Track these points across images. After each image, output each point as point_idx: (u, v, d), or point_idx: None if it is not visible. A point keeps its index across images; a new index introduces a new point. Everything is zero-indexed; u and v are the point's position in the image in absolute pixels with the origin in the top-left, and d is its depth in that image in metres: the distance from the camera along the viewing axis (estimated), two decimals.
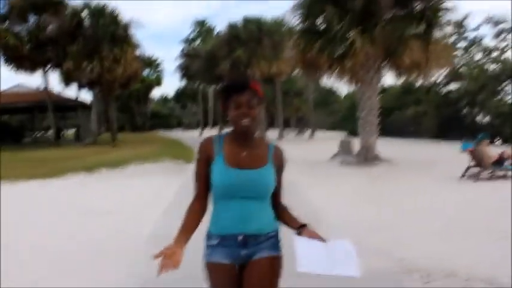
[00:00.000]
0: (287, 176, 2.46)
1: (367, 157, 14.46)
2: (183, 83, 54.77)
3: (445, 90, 28.63)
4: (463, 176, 11.46)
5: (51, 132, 35.28)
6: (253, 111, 2.22)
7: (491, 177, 11.44)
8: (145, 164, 15.96)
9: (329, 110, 52.34)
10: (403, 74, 15.31)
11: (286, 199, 2.46)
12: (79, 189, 11.27)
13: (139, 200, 9.59)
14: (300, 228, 2.28)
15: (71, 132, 41.93)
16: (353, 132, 23.88)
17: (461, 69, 27.04)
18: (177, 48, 78.39)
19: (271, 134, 34.21)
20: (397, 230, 6.44)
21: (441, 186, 10.41)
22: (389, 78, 48.24)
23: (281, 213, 2.40)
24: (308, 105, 40.02)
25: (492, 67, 26.55)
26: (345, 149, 16.58)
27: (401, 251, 5.32)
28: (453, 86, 27.96)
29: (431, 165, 14.10)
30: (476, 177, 11.22)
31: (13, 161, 17.42)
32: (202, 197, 2.32)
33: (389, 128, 27.09)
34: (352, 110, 26.78)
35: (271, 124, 40.41)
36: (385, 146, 16.73)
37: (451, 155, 15.37)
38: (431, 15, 14.08)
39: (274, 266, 2.29)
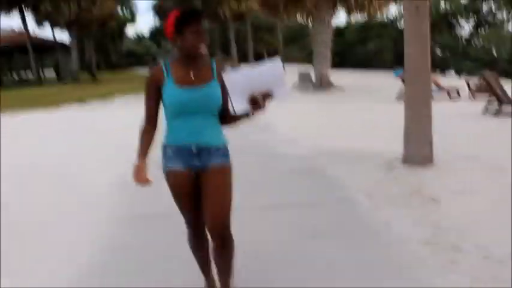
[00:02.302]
0: None
1: (321, 84, 16.93)
2: (157, 21, 55.27)
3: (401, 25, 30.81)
4: (397, 98, 13.99)
5: (29, 73, 36.42)
6: (206, 38, 2.39)
7: None
8: (127, 96, 18.18)
9: (300, 44, 53.92)
10: (352, 13, 17.50)
11: None
12: (82, 115, 13.49)
13: (130, 120, 11.88)
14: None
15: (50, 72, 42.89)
16: None
17: None
18: None
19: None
20: (318, 128, 9.10)
21: (373, 105, 13.00)
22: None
23: (229, 117, 2.49)
24: (278, 40, 41.71)
25: (443, 5, 28.69)
26: (303, 78, 18.99)
27: (320, 141, 7.88)
28: None
29: (375, 90, 16.64)
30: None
31: (9, 97, 19.30)
32: (152, 121, 2.50)
33: (353, 61, 29.36)
34: None
35: (243, 58, 42.07)
36: (342, 76, 19.24)
37: (394, 82, 17.94)
38: None
39: (226, 172, 2.50)
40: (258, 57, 45.44)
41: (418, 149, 6.33)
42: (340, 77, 19.02)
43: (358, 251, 3.60)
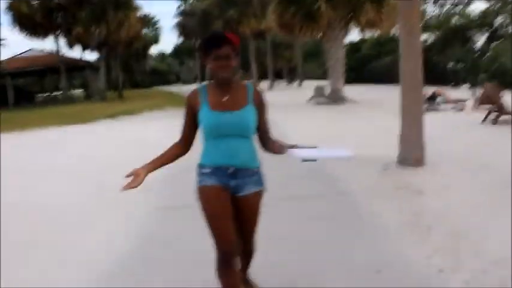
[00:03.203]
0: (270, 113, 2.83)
1: (336, 98, 17.99)
2: (181, 39, 57.06)
3: None
4: None
5: (60, 93, 38.20)
6: (230, 62, 2.41)
7: (427, 110, 14.92)
8: (153, 112, 19.50)
9: (319, 60, 55.13)
10: (364, 31, 18.63)
11: None
12: (113, 129, 14.76)
13: (158, 133, 13.08)
14: (291, 148, 2.49)
15: (77, 91, 44.72)
16: None
17: (431, 21, 30.09)
18: (173, 4, 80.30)
19: (263, 85, 37.46)
20: (327, 136, 10.14)
21: (382, 116, 13.95)
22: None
23: (271, 145, 2.63)
24: (297, 56, 42.86)
25: (456, 19, 29.53)
26: (318, 93, 20.07)
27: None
28: (424, 37, 31.13)
29: (386, 103, 17.54)
30: None
31: (43, 115, 20.76)
32: (184, 141, 2.60)
33: (368, 76, 30.28)
34: None
35: (263, 75, 43.25)
36: (356, 90, 20.33)
37: None
38: None
39: (261, 198, 2.65)
40: (278, 74, 46.95)
41: (411, 152, 7.28)
42: (354, 91, 20.21)
43: (347, 228, 4.62)
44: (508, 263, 3.53)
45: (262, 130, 2.63)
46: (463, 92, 19.53)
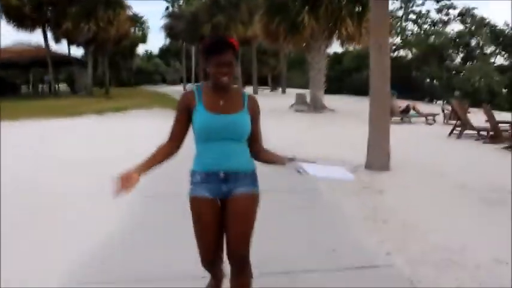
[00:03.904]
0: None
1: (315, 106, 18.90)
2: (168, 41, 57.39)
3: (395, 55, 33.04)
4: None
5: (44, 86, 38.39)
6: (231, 69, 2.42)
7: (401, 121, 15.89)
8: (140, 110, 20.03)
9: (303, 69, 56.11)
10: (345, 44, 19.62)
11: None
12: (100, 125, 15.29)
13: (145, 131, 13.67)
14: (290, 160, 2.52)
15: (62, 85, 44.74)
16: None
17: (410, 38, 31.40)
18: (161, 4, 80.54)
19: (247, 91, 38.12)
20: (302, 141, 10.88)
21: (357, 124, 14.80)
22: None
23: (265, 155, 2.65)
24: (282, 64, 43.70)
25: (434, 38, 30.87)
26: (299, 100, 20.98)
27: (301, 150, 9.65)
28: (403, 53, 32.53)
29: (364, 113, 18.40)
30: None
31: (29, 108, 20.95)
32: (174, 140, 2.55)
33: (349, 87, 31.36)
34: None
35: (247, 82, 43.95)
36: (336, 100, 21.28)
37: None
38: None
39: (253, 200, 2.55)
40: (262, 81, 47.67)
41: (377, 157, 8.09)
42: (334, 101, 21.23)
43: (314, 218, 5.42)
44: (447, 248, 4.30)
45: (254, 138, 2.61)
46: (436, 107, 20.58)
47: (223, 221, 2.54)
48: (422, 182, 7.26)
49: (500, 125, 11.59)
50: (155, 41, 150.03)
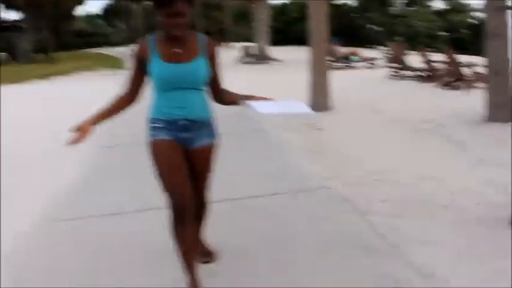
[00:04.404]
0: None
1: (261, 58, 19.27)
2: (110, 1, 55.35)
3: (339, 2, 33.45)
4: None
5: None
6: (185, 20, 2.34)
7: (346, 67, 16.49)
8: (85, 73, 19.78)
9: (248, 23, 55.79)
10: None
11: None
12: (47, 90, 15.05)
13: (95, 91, 13.66)
14: (247, 98, 2.52)
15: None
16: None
17: None
18: None
19: None
20: (249, 88, 11.28)
21: (301, 72, 15.31)
22: None
23: (227, 96, 2.65)
24: (227, 18, 43.33)
25: None
26: (245, 52, 21.23)
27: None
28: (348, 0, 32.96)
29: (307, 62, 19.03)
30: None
31: None
32: (131, 92, 2.56)
33: (294, 37, 31.55)
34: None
35: None
36: (282, 51, 21.63)
37: None
38: None
39: (213, 151, 2.63)
40: (207, 35, 46.96)
41: (318, 98, 8.62)
42: (280, 51, 21.52)
43: (260, 152, 5.98)
44: (379, 172, 4.87)
45: (214, 81, 2.59)
46: (378, 52, 21.22)
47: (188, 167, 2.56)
48: (360, 119, 7.90)
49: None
50: (98, 2, 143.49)
